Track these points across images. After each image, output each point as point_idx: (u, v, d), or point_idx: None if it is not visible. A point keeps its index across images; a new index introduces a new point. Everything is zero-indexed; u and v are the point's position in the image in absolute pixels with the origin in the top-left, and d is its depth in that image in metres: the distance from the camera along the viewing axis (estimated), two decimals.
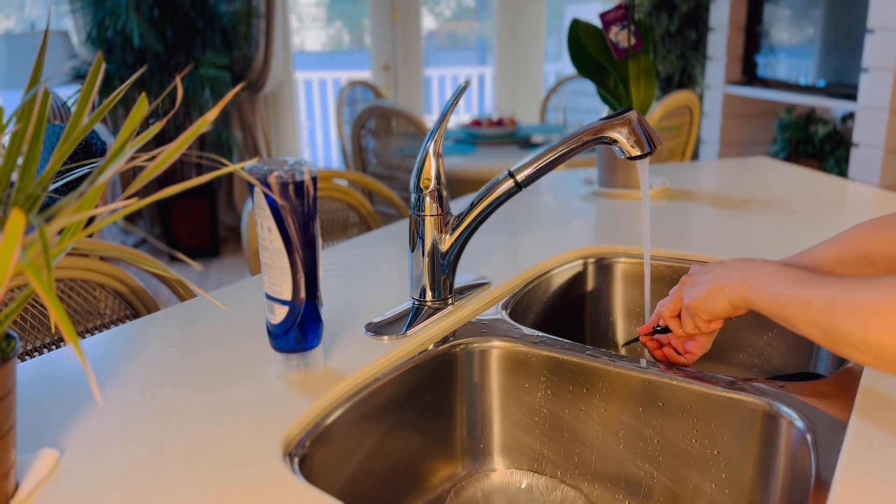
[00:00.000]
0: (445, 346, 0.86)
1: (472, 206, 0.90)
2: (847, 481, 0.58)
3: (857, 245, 0.80)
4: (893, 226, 0.79)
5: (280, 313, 0.71)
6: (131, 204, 0.49)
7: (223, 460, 0.62)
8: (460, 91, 0.85)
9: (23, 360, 0.87)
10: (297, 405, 0.71)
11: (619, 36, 1.43)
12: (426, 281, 0.91)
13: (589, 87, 3.66)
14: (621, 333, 1.20)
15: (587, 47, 1.45)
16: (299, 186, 0.67)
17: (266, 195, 0.66)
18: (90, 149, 1.59)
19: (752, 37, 3.55)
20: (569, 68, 5.66)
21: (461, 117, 5.08)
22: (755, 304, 0.72)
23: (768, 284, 0.70)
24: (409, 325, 0.87)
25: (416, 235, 0.90)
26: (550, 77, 6.10)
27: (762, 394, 0.74)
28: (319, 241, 0.71)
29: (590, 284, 1.19)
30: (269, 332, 0.74)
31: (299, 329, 0.72)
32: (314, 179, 0.68)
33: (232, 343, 0.85)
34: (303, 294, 0.70)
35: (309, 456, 0.67)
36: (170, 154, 0.52)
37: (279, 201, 0.66)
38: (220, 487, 0.58)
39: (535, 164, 0.88)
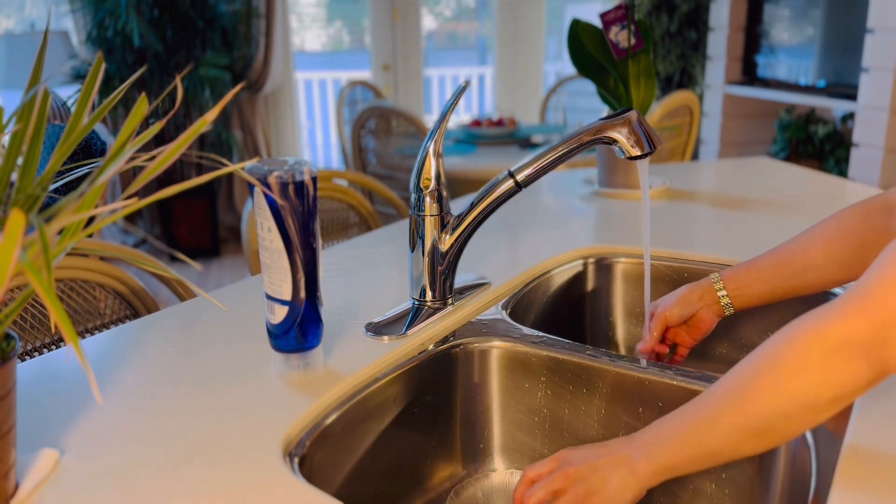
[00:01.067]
0: (445, 346, 0.86)
1: (472, 206, 0.90)
2: (847, 481, 0.58)
3: (846, 243, 0.79)
4: (878, 213, 0.78)
5: (280, 313, 0.71)
6: (131, 204, 0.49)
7: (223, 460, 0.62)
8: (460, 91, 0.85)
9: (23, 360, 0.87)
10: (297, 405, 0.71)
11: (619, 36, 1.43)
12: (426, 281, 0.91)
13: (589, 87, 3.66)
14: (621, 333, 1.20)
15: (587, 47, 1.45)
16: (299, 186, 0.67)
17: (266, 195, 0.66)
18: (90, 149, 1.59)
19: (752, 37, 3.55)
20: (569, 68, 5.66)
21: (461, 117, 5.08)
22: (668, 466, 0.61)
23: (659, 442, 0.61)
24: (409, 325, 0.87)
25: (416, 235, 0.90)
26: (550, 77, 6.10)
27: None
28: (319, 241, 0.71)
29: (590, 284, 1.19)
30: (269, 332, 0.74)
31: (299, 329, 0.72)
32: (314, 179, 0.68)
33: (232, 343, 0.85)
34: (303, 294, 0.70)
35: (309, 456, 0.67)
36: (170, 154, 0.52)
37: (279, 201, 0.66)
38: (219, 487, 0.58)
39: (535, 164, 0.88)
